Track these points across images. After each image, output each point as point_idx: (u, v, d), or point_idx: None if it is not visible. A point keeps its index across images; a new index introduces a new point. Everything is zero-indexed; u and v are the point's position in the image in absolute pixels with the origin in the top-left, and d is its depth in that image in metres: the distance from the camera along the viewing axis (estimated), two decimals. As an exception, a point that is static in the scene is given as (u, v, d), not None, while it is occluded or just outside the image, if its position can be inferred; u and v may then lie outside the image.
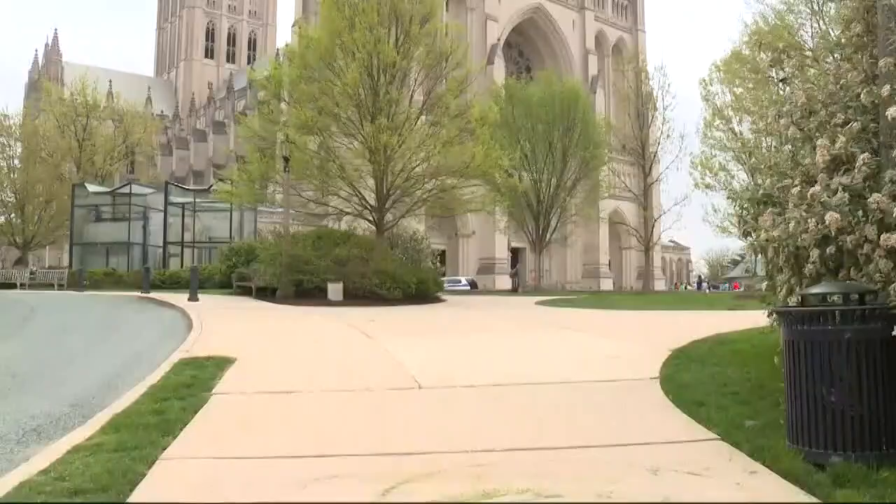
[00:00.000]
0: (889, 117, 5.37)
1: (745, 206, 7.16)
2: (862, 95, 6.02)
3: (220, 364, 9.28)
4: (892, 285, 5.05)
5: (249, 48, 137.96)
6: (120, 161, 72.88)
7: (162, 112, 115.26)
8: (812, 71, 7.78)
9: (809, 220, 5.55)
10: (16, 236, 61.22)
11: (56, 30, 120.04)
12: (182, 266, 44.15)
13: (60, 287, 41.40)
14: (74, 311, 21.92)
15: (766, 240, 6.18)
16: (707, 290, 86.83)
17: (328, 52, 30.19)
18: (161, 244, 48.46)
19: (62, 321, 18.68)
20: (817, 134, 6.36)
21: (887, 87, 5.56)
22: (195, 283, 25.34)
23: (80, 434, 5.56)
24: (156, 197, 50.22)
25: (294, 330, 15.90)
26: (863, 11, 6.75)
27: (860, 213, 5.30)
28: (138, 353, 11.80)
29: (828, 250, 5.53)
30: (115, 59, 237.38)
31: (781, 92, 8.58)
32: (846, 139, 5.86)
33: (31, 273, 47.00)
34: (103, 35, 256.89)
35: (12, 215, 61.66)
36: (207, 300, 24.83)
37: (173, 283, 36.72)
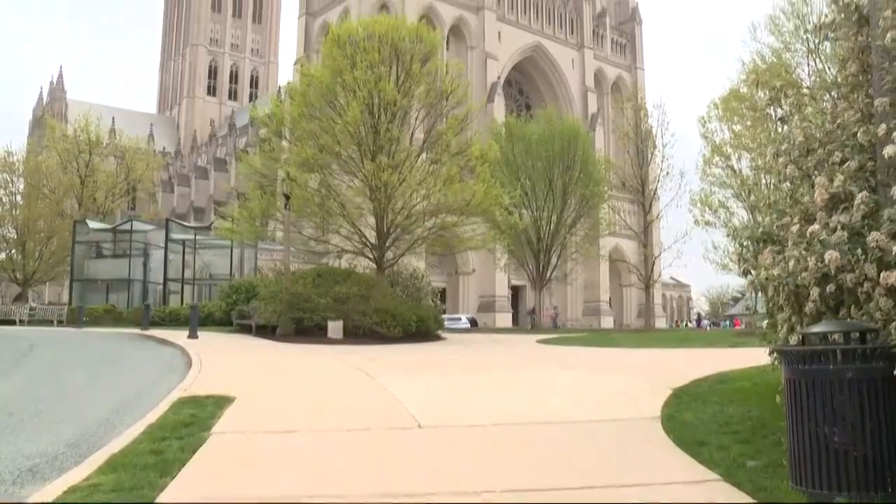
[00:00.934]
0: (886, 156, 5.40)
1: (745, 244, 7.17)
2: (859, 134, 6.06)
3: (220, 403, 9.22)
4: (893, 324, 5.03)
5: (251, 86, 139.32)
6: (121, 198, 73.15)
7: (164, 149, 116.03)
8: (809, 109, 7.83)
9: (809, 259, 5.56)
10: (16, 272, 61.21)
11: (61, 67, 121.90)
12: (182, 303, 44.07)
13: (60, 323, 41.28)
14: (73, 349, 21.84)
15: (766, 278, 6.18)
16: (708, 328, 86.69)
17: (329, 90, 30.44)
18: (161, 281, 48.40)
19: (61, 358, 18.60)
20: (815, 172, 6.39)
21: (883, 126, 5.60)
22: (195, 321, 25.30)
23: (77, 474, 5.51)
24: (156, 234, 50.28)
25: (294, 368, 15.82)
26: (857, 51, 6.82)
27: (859, 251, 5.31)
28: (137, 391, 11.74)
29: (828, 289, 5.53)
30: (119, 97, 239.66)
31: (780, 130, 8.63)
32: (844, 178, 5.88)
33: (31, 309, 46.89)
34: (108, 73, 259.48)
35: (13, 251, 61.70)
36: (207, 338, 24.75)
37: (173, 320, 36.63)
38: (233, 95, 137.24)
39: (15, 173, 64.69)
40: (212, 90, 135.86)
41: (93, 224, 53.07)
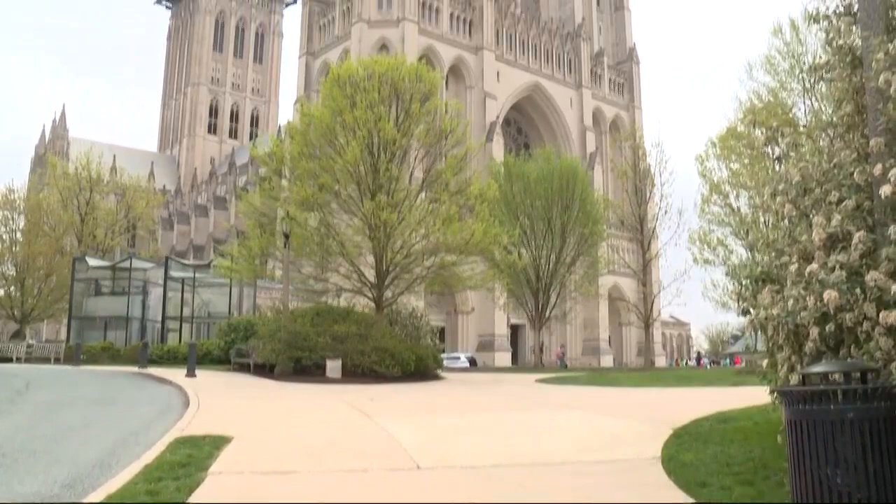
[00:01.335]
0: (883, 195, 5.43)
1: (744, 283, 7.17)
2: (855, 174, 6.11)
3: (217, 443, 9.15)
4: (894, 363, 5.02)
5: (252, 124, 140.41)
6: (121, 235, 73.26)
7: (164, 187, 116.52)
8: (806, 147, 7.90)
9: (808, 298, 5.56)
10: (14, 309, 61.02)
11: (64, 105, 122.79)
12: (180, 341, 43.90)
13: (57, 361, 41.08)
14: (70, 387, 21.69)
15: (766, 317, 6.17)
16: (708, 366, 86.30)
17: (329, 129, 30.61)
18: (160, 319, 48.26)
19: (57, 397, 18.46)
20: (813, 211, 6.42)
21: (879, 165, 5.64)
22: (193, 359, 25.21)
23: (72, 515, 5.45)
24: (156, 271, 50.26)
25: (292, 408, 15.72)
26: (852, 92, 6.90)
27: (858, 290, 5.31)
28: (133, 430, 11.64)
29: (827, 328, 5.53)
30: (121, 135, 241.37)
31: (777, 168, 8.69)
32: (842, 217, 5.91)
33: (28, 346, 46.69)
34: (111, 112, 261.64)
35: (12, 288, 61.59)
36: (205, 376, 24.62)
37: (171, 359, 36.48)
38: (233, 134, 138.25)
39: (16, 210, 64.84)
40: (212, 128, 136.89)
41: (92, 261, 53.05)
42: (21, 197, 66.77)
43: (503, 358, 68.07)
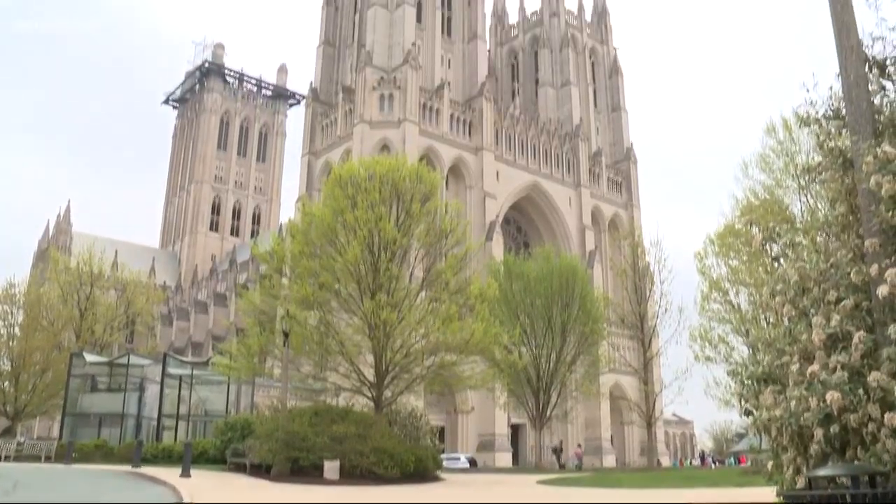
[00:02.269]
0: (880, 295, 5.48)
1: (746, 383, 7.14)
2: (852, 274, 6.16)
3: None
4: (903, 467, 4.95)
5: (254, 222, 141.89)
6: (120, 331, 73.01)
7: (164, 283, 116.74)
8: (804, 243, 7.98)
9: (811, 399, 5.54)
10: (7, 405, 60.18)
11: (69, 201, 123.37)
12: (176, 439, 43.15)
13: (48, 459, 40.27)
14: (60, 488, 21.22)
15: (769, 419, 6.13)
16: (712, 465, 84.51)
17: (330, 228, 30.90)
18: (156, 416, 47.56)
19: (46, 497, 18.05)
20: (812, 311, 6.45)
21: (875, 266, 5.71)
22: (188, 459, 24.77)
23: None
24: (153, 368, 49.80)
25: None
26: (845, 193, 7.03)
27: (861, 391, 5.30)
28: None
29: (832, 429, 5.48)
30: (124, 231, 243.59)
31: (776, 266, 8.76)
32: (841, 317, 5.94)
33: (19, 444, 45.86)
34: (115, 208, 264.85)
35: (6, 383, 60.85)
36: (200, 476, 24.12)
37: (166, 457, 35.77)
38: (235, 231, 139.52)
39: (15, 305, 64.76)
40: (214, 226, 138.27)
41: (89, 357, 52.65)
42: (21, 291, 66.84)
43: (504, 458, 66.79)
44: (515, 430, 73.05)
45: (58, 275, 68.78)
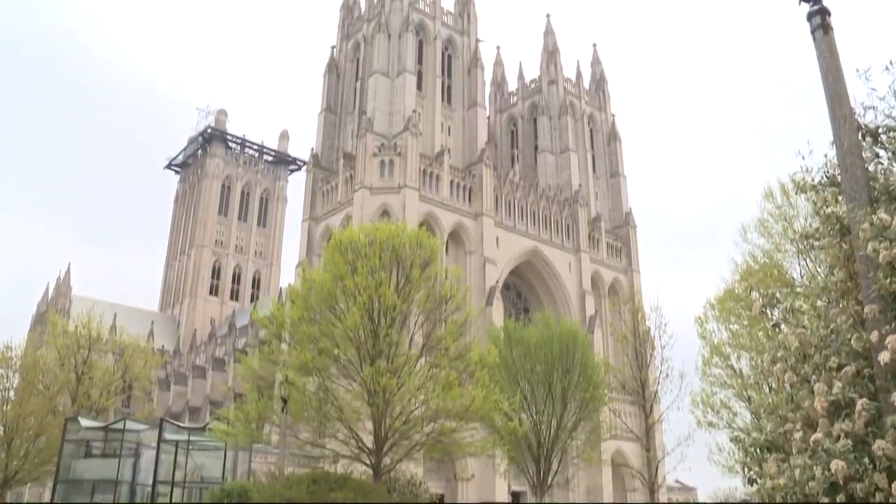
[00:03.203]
0: (882, 362, 5.46)
1: (749, 450, 7.07)
2: (853, 341, 6.16)
3: None
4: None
5: (253, 286, 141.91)
6: (117, 395, 72.28)
7: (163, 347, 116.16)
8: (804, 308, 7.98)
9: (815, 468, 5.48)
10: (-3, 473, 59.11)
11: (69, 264, 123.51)
12: (170, 507, 42.45)
13: (39, 529, 39.53)
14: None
15: (773, 487, 6.05)
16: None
17: (330, 294, 30.94)
18: (150, 482, 46.82)
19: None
20: (814, 377, 6.42)
21: (875, 332, 5.71)
22: (182, 529, 24.34)
23: None
24: (149, 433, 49.21)
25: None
26: (843, 259, 7.07)
27: (866, 460, 5.24)
28: None
29: (838, 499, 5.40)
30: (124, 293, 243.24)
31: (776, 332, 8.76)
32: (843, 384, 5.92)
33: (8, 513, 45.02)
34: (115, 269, 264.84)
35: (-3, 450, 59.87)
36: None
37: (159, 526, 35.14)
38: (234, 295, 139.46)
39: (11, 368, 64.18)
40: (214, 290, 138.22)
41: (85, 422, 52.06)
42: (18, 355, 66.32)
43: (504, 528, 65.57)
44: (516, 497, 71.83)
45: (55, 338, 68.40)
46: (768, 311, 8.45)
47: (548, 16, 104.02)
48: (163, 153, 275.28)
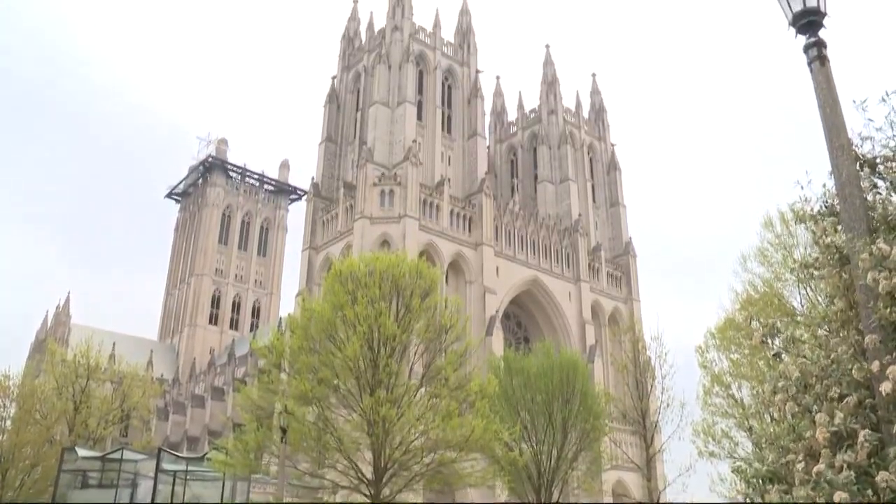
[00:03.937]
0: (884, 392, 5.45)
1: (751, 481, 7.02)
2: (854, 371, 6.14)
3: None
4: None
5: (253, 315, 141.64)
6: (115, 425, 71.82)
7: (162, 376, 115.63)
8: (805, 337, 7.97)
9: (818, 499, 5.44)
10: (-9, 504, 58.56)
11: (69, 293, 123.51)
12: (167, 539, 42.02)
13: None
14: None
15: (777, 520, 6.00)
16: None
17: (330, 323, 30.89)
18: (147, 514, 46.43)
19: None
20: (815, 407, 6.39)
21: (876, 363, 5.70)
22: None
23: None
24: (147, 463, 48.85)
25: None
26: (843, 289, 7.07)
27: (869, 491, 5.21)
28: None
29: (842, 531, 5.36)
30: (123, 322, 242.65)
31: (776, 362, 8.74)
32: (844, 414, 5.89)
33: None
34: (115, 297, 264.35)
35: (-8, 481, 59.33)
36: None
37: (155, 559, 34.78)
38: (234, 325, 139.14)
39: (8, 397, 63.78)
40: (213, 319, 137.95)
41: (82, 452, 51.71)
42: (15, 384, 65.94)
43: (504, 560, 64.76)
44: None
45: (54, 367, 68.09)
46: (769, 341, 8.43)
47: (547, 46, 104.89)
48: (163, 182, 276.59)
